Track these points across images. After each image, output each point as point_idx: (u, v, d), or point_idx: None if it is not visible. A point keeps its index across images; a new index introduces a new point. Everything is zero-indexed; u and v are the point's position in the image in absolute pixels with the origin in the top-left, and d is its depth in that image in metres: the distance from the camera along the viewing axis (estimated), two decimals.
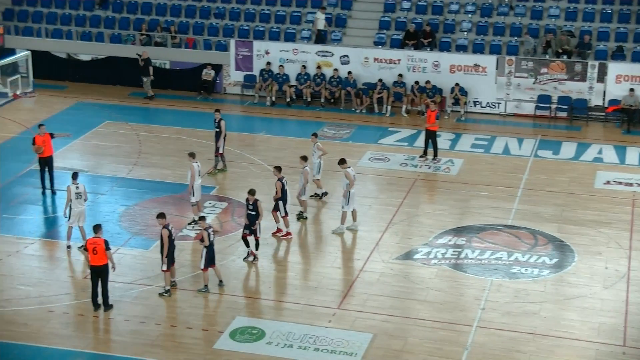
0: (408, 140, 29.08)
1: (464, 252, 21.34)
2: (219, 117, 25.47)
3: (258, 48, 33.29)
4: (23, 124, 29.74)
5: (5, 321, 18.02)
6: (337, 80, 32.49)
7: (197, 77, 33.56)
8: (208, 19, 35.38)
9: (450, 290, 19.66)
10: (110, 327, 18.04)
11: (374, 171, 26.42)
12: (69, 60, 34.73)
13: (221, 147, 25.56)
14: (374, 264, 20.70)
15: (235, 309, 18.74)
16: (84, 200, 20.92)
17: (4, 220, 22.64)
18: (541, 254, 21.32)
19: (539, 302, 19.14)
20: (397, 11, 34.53)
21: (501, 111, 31.94)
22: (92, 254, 18.08)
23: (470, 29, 33.62)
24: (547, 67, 31.32)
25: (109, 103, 32.31)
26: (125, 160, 26.73)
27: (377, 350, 17.27)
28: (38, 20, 36.02)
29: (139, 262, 20.59)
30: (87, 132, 29.10)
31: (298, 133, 29.58)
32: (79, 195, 20.78)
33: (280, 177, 21.70)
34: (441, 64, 31.94)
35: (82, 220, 20.92)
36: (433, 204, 24.39)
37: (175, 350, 17.17)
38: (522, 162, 27.37)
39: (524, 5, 33.81)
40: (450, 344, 17.54)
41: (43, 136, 23.83)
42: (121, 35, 34.98)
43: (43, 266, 20.55)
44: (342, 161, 22.36)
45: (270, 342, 17.43)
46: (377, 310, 18.69)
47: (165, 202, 23.86)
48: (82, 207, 20.86)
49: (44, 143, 23.80)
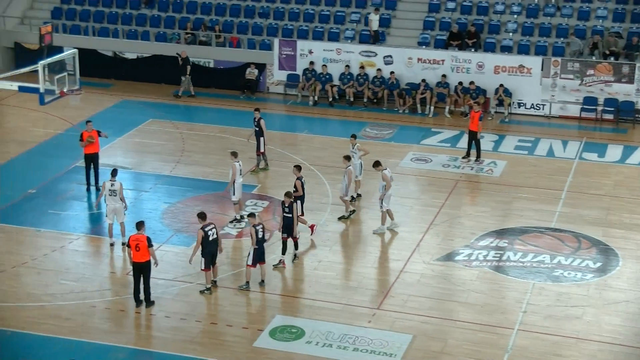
0: (450, 141, 28.92)
1: (506, 254, 21.17)
2: (259, 116, 25.56)
3: (302, 47, 33.36)
4: (69, 120, 30.16)
5: (50, 315, 18.29)
6: (380, 80, 32.43)
7: (240, 76, 33.73)
8: (252, 18, 35.53)
9: (491, 293, 19.51)
10: (152, 323, 18.21)
11: (416, 172, 26.32)
12: (114, 58, 35.14)
13: (262, 146, 25.64)
14: (415, 265, 20.62)
15: (276, 307, 18.80)
16: (120, 198, 21.04)
17: (49, 215, 22.98)
18: (585, 257, 21.07)
19: (582, 306, 18.92)
20: (441, 11, 34.36)
21: (546, 113, 31.63)
22: (135, 250, 18.25)
23: (516, 30, 33.32)
24: (593, 69, 30.94)
25: (153, 101, 32.61)
26: (169, 158, 26.95)
27: (416, 352, 17.20)
28: (85, 18, 36.49)
29: (180, 260, 20.73)
30: (131, 130, 29.40)
31: (340, 133, 29.56)
32: (114, 192, 20.97)
33: (300, 176, 21.65)
34: (485, 64, 31.72)
35: (120, 217, 21.13)
36: (475, 206, 24.23)
37: (215, 348, 17.27)
38: (567, 165, 27.07)
39: (571, 6, 33.43)
40: (490, 347, 17.41)
41: (90, 132, 24.15)
42: (166, 34, 35.29)
43: (86, 262, 20.80)
44: (376, 163, 22.24)
45: (310, 342, 17.45)
46: (417, 312, 18.62)
47: (207, 200, 24.01)
48: (117, 205, 21.02)
49: (91, 139, 24.17)
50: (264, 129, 25.56)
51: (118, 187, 20.98)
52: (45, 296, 19.05)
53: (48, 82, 23.25)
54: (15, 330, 17.71)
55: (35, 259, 20.69)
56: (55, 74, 23.48)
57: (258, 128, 25.53)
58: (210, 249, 18.87)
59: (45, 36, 25.30)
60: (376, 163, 22.28)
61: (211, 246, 18.87)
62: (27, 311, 18.45)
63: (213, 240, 18.88)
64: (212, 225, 18.98)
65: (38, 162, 26.68)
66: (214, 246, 18.92)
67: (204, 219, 18.96)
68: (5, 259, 20.69)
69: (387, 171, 22.07)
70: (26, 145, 27.98)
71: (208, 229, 18.81)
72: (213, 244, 18.90)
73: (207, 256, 18.90)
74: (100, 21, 36.40)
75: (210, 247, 18.87)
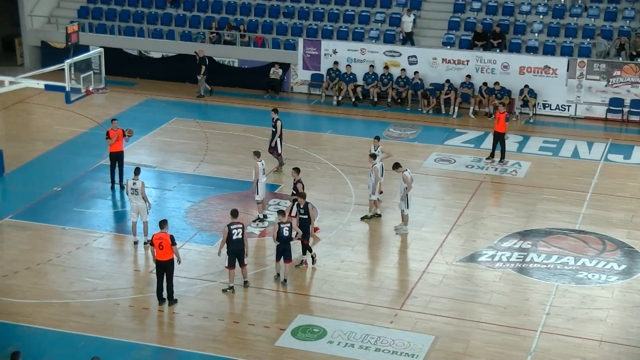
0: (474, 142, 28.81)
1: (530, 255, 21.06)
2: (276, 117, 25.60)
3: (326, 47, 33.36)
4: (94, 119, 30.37)
5: (74, 312, 18.44)
6: (404, 80, 32.36)
7: (264, 76, 33.80)
8: (277, 17, 35.59)
9: (514, 294, 19.42)
10: (174, 322, 18.29)
11: (440, 172, 26.24)
12: (140, 57, 35.34)
13: (279, 147, 25.65)
14: (438, 266, 20.57)
15: (298, 306, 18.82)
16: (142, 197, 21.15)
17: (74, 213, 23.15)
18: (609, 259, 20.92)
19: (606, 309, 18.79)
20: (466, 12, 34.24)
21: (571, 114, 31.42)
22: (158, 249, 18.34)
23: (542, 30, 33.13)
24: (620, 70, 30.70)
25: (177, 100, 32.75)
26: (193, 157, 27.06)
27: (438, 353, 17.16)
28: (111, 18, 36.72)
29: (203, 258, 20.82)
30: (155, 129, 29.55)
31: (364, 133, 29.55)
32: (135, 191, 21.10)
33: (299, 179, 21.59)
34: (510, 65, 31.56)
35: (144, 216, 21.24)
36: (499, 207, 24.13)
37: (237, 347, 17.33)
38: (592, 166, 26.88)
39: (598, 6, 33.19)
40: (513, 348, 17.34)
41: (116, 131, 24.34)
42: (191, 34, 35.44)
43: (110, 259, 20.92)
44: (396, 165, 22.13)
45: (332, 341, 17.46)
46: (440, 312, 18.58)
47: (230, 199, 24.07)
48: (139, 203, 21.14)
49: (116, 138, 24.36)
50: (280, 130, 25.57)
51: (139, 186, 21.10)
52: (70, 293, 19.19)
53: (74, 81, 23.45)
54: (39, 327, 17.86)
55: (60, 257, 20.85)
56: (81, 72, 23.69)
57: (274, 129, 25.55)
58: (233, 247, 18.91)
59: (71, 35, 25.51)
60: (396, 165, 22.18)
61: (234, 245, 18.90)
62: (52, 308, 18.60)
63: (237, 239, 18.88)
64: (239, 225, 18.94)
65: (63, 160, 26.89)
66: (237, 245, 18.93)
67: (234, 216, 19.07)
68: (31, 256, 20.87)
69: (407, 172, 21.97)
70: (52, 143, 28.21)
71: (234, 227, 18.85)
72: (237, 243, 18.91)
73: (231, 254, 18.96)
74: (126, 20, 36.62)
75: (234, 246, 18.90)
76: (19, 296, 19.02)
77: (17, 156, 26.72)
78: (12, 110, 31.36)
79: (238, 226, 18.92)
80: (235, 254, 18.98)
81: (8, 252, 21.12)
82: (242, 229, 18.96)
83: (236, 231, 18.87)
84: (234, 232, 18.85)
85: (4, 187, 24.93)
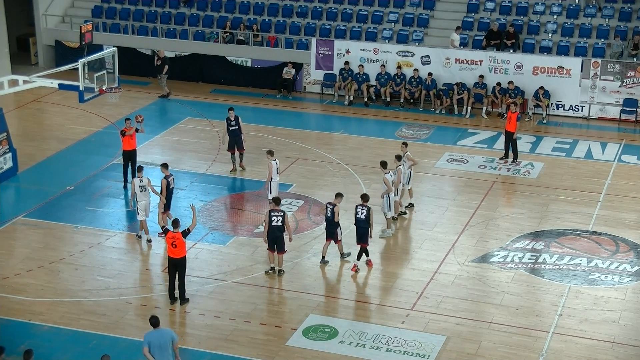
0: (487, 142, 28.73)
1: (542, 256, 20.99)
2: (234, 115, 25.63)
3: (339, 47, 33.35)
4: (107, 118, 30.46)
5: (86, 311, 18.50)
6: (417, 80, 32.31)
7: (277, 76, 33.81)
8: (290, 17, 35.60)
9: (526, 295, 19.36)
10: (186, 321, 18.33)
11: (452, 172, 26.18)
12: (153, 57, 35.39)
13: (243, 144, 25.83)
14: (449, 266, 20.53)
15: (309, 306, 18.82)
16: (152, 192, 21.35)
17: (86, 212, 23.23)
18: (622, 261, 20.83)
19: (619, 310, 18.71)
20: (480, 12, 34.15)
21: (585, 114, 31.29)
22: (172, 247, 18.41)
23: (555, 31, 33.01)
24: (634, 70, 30.54)
25: (190, 99, 32.81)
26: (205, 157, 27.10)
27: (450, 353, 17.13)
28: (125, 17, 36.83)
29: (215, 258, 20.86)
30: (168, 128, 29.61)
31: (376, 133, 29.54)
32: (143, 188, 21.28)
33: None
34: (524, 65, 31.46)
35: (148, 213, 21.49)
36: (511, 207, 24.05)
37: (248, 346, 17.35)
38: (605, 167, 26.77)
39: (612, 6, 33.03)
40: (525, 350, 17.29)
41: (130, 129, 24.43)
42: (205, 33, 35.48)
43: (122, 258, 20.99)
44: (383, 164, 22.01)
45: (343, 341, 17.45)
46: (451, 313, 18.54)
47: (242, 198, 24.09)
48: (148, 200, 21.31)
49: (130, 137, 24.39)
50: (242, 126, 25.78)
51: (146, 182, 21.30)
52: (82, 292, 19.27)
53: (88, 80, 23.54)
54: (52, 325, 17.94)
55: (72, 255, 20.94)
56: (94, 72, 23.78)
57: (237, 127, 25.57)
58: (271, 234, 19.57)
59: (85, 34, 25.59)
60: (383, 163, 22.02)
61: (272, 232, 19.54)
62: (64, 306, 18.68)
63: (275, 226, 19.48)
64: (280, 213, 19.60)
65: (76, 159, 26.98)
66: (274, 232, 19.55)
67: (277, 204, 19.82)
68: (44, 254, 20.96)
69: (389, 175, 21.70)
70: (65, 142, 28.31)
71: (274, 214, 19.56)
72: (275, 230, 19.52)
73: (270, 241, 19.70)
74: (140, 20, 36.71)
75: (272, 233, 19.55)
76: (32, 294, 19.11)
77: (30, 155, 26.84)
78: (26, 109, 31.49)
79: (279, 214, 19.53)
80: (273, 240, 19.61)
81: (21, 251, 21.22)
82: (283, 216, 19.58)
83: (276, 218, 19.47)
84: (274, 219, 19.45)
85: (17, 186, 25.05)
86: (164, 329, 15.51)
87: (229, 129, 25.58)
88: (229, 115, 25.64)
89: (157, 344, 15.10)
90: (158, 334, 15.24)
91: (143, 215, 21.40)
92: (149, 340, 15.14)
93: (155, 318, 15.42)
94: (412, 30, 33.95)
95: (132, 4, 37.34)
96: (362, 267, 20.37)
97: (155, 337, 15.18)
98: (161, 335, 15.25)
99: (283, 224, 19.51)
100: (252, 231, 22.11)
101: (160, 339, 15.16)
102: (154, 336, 15.19)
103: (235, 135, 25.63)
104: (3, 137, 24.96)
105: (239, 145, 25.75)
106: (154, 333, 15.25)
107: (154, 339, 15.15)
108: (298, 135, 29.15)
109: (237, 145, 25.73)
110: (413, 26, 34.20)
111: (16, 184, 25.13)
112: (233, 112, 25.70)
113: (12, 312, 18.34)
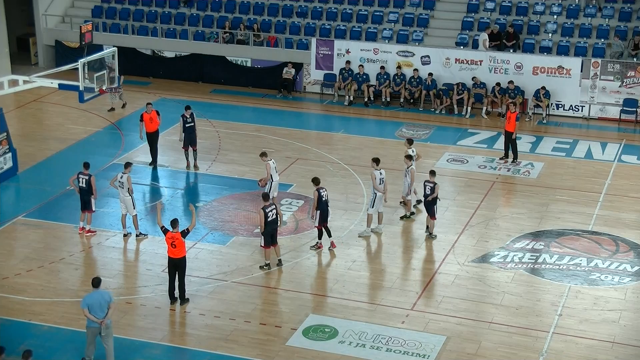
0: (487, 142, 28.74)
1: (542, 256, 20.99)
2: (190, 112, 25.89)
3: (339, 47, 33.36)
4: (107, 118, 30.46)
5: None
6: (417, 80, 32.31)
7: (277, 76, 33.82)
8: (290, 17, 35.60)
9: (526, 295, 19.37)
10: (186, 321, 18.33)
11: (452, 172, 26.19)
12: (153, 56, 35.43)
13: (195, 142, 26.07)
14: (450, 266, 20.54)
15: (309, 306, 18.83)
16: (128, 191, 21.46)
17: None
18: (622, 261, 20.83)
19: (619, 310, 18.71)
20: (480, 12, 34.15)
21: (585, 114, 31.30)
22: (171, 247, 18.41)
23: (555, 31, 33.01)
24: (634, 70, 30.56)
25: (191, 99, 32.78)
26: (205, 157, 27.08)
27: (450, 353, 17.13)
28: (125, 17, 36.83)
29: (215, 257, 20.86)
30: (169, 128, 29.56)
31: (376, 133, 29.54)
32: (121, 185, 21.47)
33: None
34: (524, 65, 31.47)
35: (131, 210, 21.62)
36: (511, 207, 24.06)
37: (248, 346, 17.35)
38: (605, 167, 26.77)
39: (612, 6, 33.03)
40: (525, 350, 17.29)
41: (150, 114, 25.44)
42: (205, 33, 35.49)
43: (123, 258, 20.99)
44: (375, 160, 22.06)
45: (343, 341, 17.45)
46: (451, 313, 18.54)
47: (243, 198, 24.11)
48: (125, 197, 21.48)
49: (150, 120, 25.57)
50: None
51: (125, 180, 21.46)
52: (82, 292, 19.17)
53: (88, 80, 23.56)
54: (52, 325, 17.94)
55: (72, 255, 20.94)
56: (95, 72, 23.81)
57: (193, 123, 25.80)
58: (269, 229, 19.74)
59: (85, 34, 25.63)
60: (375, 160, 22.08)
61: (270, 226, 19.73)
62: (64, 306, 18.68)
63: (272, 220, 19.67)
64: (272, 206, 19.86)
65: (77, 159, 26.86)
66: (272, 226, 19.78)
67: (266, 199, 19.99)
68: (44, 254, 20.97)
69: (377, 172, 21.81)
70: (65, 142, 28.31)
71: (268, 210, 19.68)
72: (272, 223, 19.73)
73: (267, 235, 19.80)
74: (140, 20, 36.71)
75: (270, 227, 19.74)
76: (31, 294, 19.11)
77: (30, 155, 26.85)
78: (26, 109, 31.50)
79: (272, 208, 19.77)
80: (270, 234, 19.84)
81: (21, 251, 21.22)
82: (275, 208, 19.88)
83: (271, 213, 19.69)
84: (269, 214, 19.64)
85: (17, 186, 25.05)
86: (103, 290, 16.41)
87: (185, 126, 25.84)
88: (184, 112, 25.91)
89: (97, 304, 16.08)
90: (98, 295, 16.19)
91: (124, 210, 21.63)
92: (89, 303, 16.08)
93: (97, 279, 16.35)
94: (412, 30, 33.97)
95: (132, 4, 37.35)
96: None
97: (96, 298, 16.14)
98: (101, 295, 16.19)
99: (277, 214, 19.89)
100: (252, 231, 22.11)
101: (100, 299, 16.14)
102: (94, 297, 16.14)
103: (191, 132, 25.93)
104: (3, 137, 24.97)
105: (193, 143, 26.01)
106: (94, 294, 16.19)
107: (94, 300, 16.10)
108: (298, 135, 29.15)
109: (192, 143, 25.99)
110: (413, 26, 34.21)
111: (16, 184, 25.14)
112: (190, 109, 26.06)
113: (12, 312, 18.35)
